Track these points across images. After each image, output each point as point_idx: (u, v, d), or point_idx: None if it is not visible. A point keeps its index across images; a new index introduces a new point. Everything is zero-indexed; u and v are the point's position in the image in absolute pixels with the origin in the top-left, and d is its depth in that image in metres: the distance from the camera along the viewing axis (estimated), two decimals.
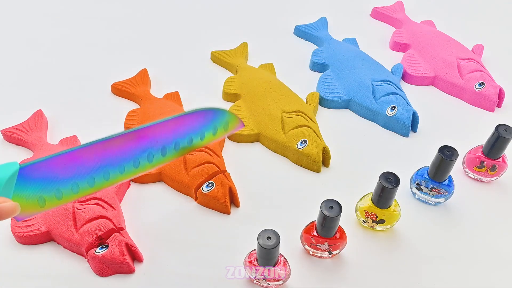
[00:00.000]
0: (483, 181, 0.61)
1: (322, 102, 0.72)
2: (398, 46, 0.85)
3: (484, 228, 0.56)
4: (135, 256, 0.51)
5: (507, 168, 0.59)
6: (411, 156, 0.64)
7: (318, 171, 0.62)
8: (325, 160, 0.62)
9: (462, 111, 0.73)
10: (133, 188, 0.59)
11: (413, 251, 0.53)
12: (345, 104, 0.72)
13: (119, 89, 0.73)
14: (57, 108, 0.70)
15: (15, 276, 0.49)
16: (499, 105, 0.73)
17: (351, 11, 0.97)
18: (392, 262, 0.52)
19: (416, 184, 0.57)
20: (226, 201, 0.55)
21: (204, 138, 0.50)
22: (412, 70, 0.78)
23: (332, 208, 0.46)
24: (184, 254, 0.52)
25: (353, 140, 0.67)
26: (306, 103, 0.70)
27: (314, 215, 0.50)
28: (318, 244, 0.50)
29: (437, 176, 0.54)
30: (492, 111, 0.72)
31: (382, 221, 0.53)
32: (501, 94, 0.72)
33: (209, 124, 0.50)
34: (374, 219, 0.53)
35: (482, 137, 0.60)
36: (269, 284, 0.48)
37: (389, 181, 0.49)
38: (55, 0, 0.96)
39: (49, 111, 0.68)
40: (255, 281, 0.48)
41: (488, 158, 0.58)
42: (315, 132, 0.63)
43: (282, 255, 0.47)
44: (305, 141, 0.61)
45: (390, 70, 0.77)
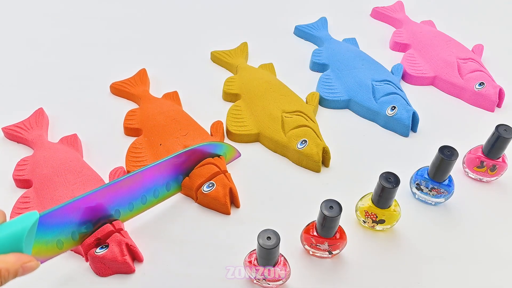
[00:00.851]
0: (483, 181, 0.61)
1: (322, 102, 0.72)
2: (398, 46, 0.85)
3: (484, 228, 0.56)
4: (135, 256, 0.50)
5: (507, 168, 0.59)
6: (411, 156, 0.64)
7: (318, 171, 0.62)
8: (325, 160, 0.62)
9: (462, 111, 0.73)
10: None
11: (413, 251, 0.53)
12: (345, 104, 0.72)
13: (118, 89, 0.72)
14: (56, 107, 0.70)
15: None
16: (499, 105, 0.73)
17: (351, 11, 0.97)
18: (392, 262, 0.52)
19: (416, 184, 0.57)
20: (226, 201, 0.55)
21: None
22: (412, 70, 0.78)
23: (332, 208, 0.46)
24: (184, 254, 0.52)
25: (353, 140, 0.67)
26: (306, 103, 0.70)
27: (314, 215, 0.50)
28: (318, 244, 0.50)
29: (437, 176, 0.54)
30: (492, 111, 0.72)
31: (382, 221, 0.53)
32: (501, 94, 0.72)
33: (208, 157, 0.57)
34: (374, 219, 0.53)
35: (482, 137, 0.60)
36: (269, 284, 0.48)
37: (389, 181, 0.49)
38: (55, 0, 0.96)
39: (49, 110, 0.68)
40: (255, 281, 0.48)
41: (488, 158, 0.58)
42: (315, 132, 0.63)
43: (282, 255, 0.47)
44: (305, 141, 0.61)
45: (390, 70, 0.77)
